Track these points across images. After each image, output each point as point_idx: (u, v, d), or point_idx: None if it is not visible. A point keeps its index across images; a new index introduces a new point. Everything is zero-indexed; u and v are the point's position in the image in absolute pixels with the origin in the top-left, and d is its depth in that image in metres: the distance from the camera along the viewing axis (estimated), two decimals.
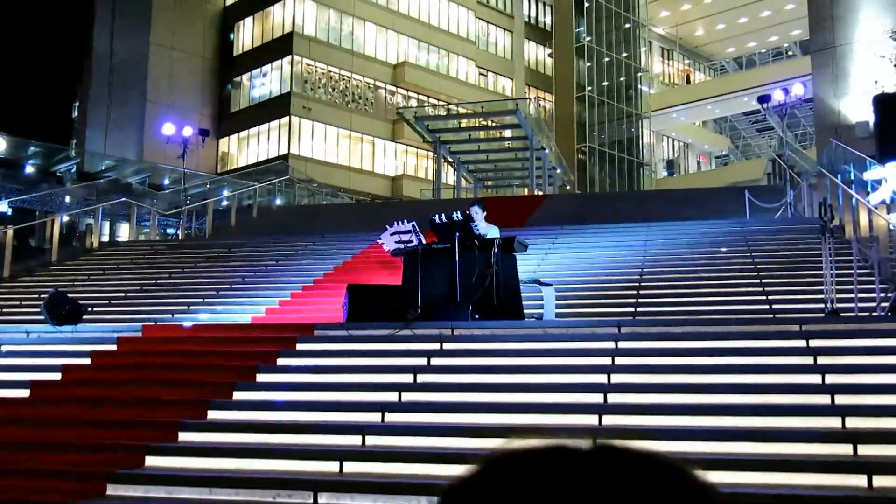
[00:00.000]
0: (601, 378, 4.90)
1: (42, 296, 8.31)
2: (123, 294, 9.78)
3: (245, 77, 30.49)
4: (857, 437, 3.88)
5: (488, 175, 27.87)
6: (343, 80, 30.18)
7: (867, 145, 12.33)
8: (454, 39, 33.16)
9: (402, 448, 4.26)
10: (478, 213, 6.88)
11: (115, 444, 4.51)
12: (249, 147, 29.72)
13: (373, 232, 11.00)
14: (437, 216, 6.36)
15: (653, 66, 39.84)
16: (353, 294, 6.31)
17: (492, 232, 6.81)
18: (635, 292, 8.14)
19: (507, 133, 25.44)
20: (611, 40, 36.58)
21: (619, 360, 5.09)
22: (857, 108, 15.47)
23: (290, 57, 28.47)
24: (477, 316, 5.99)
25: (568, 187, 29.18)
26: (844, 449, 3.84)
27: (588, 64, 35.90)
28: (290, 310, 8.71)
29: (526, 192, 28.40)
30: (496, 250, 6.12)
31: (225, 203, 19.48)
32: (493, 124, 25.74)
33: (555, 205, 16.55)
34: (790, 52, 38.24)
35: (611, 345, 5.31)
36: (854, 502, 3.30)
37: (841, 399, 4.39)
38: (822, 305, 6.50)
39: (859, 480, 3.53)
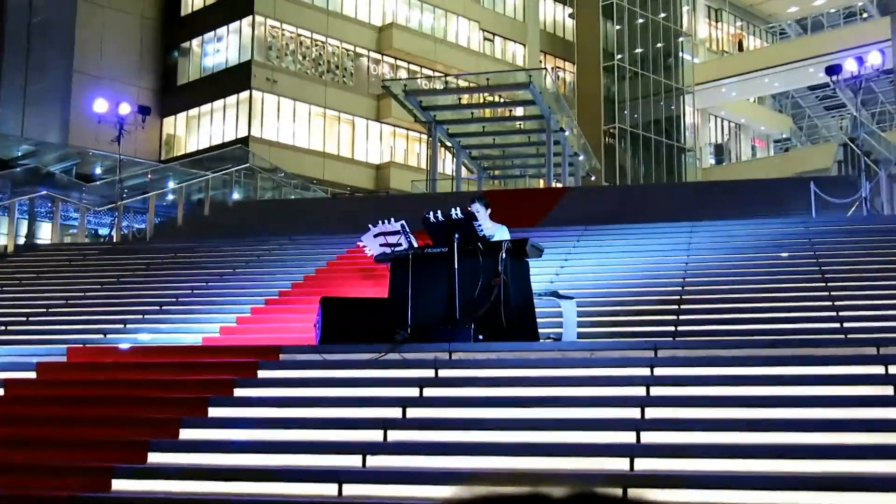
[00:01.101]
0: (633, 413, 4.92)
1: None
2: (45, 310, 9.78)
3: (195, 42, 30.55)
4: None
5: (495, 163, 27.90)
6: (316, 45, 30.25)
7: None
8: None
9: (389, 499, 4.27)
10: (481, 210, 6.92)
11: (34, 496, 4.51)
12: (201, 128, 29.78)
13: (352, 233, 10.99)
14: (431, 214, 6.38)
15: (697, 29, 40.05)
16: (327, 310, 6.32)
17: (499, 233, 6.84)
18: (676, 307, 8.17)
19: (519, 111, 25.50)
20: None
21: (656, 391, 5.11)
22: None
23: (250, 17, 28.56)
24: (480, 337, 6.01)
25: (593, 178, 29.28)
26: None
27: (618, 27, 36.06)
28: (251, 329, 8.74)
29: (541, 183, 28.38)
30: (504, 256, 6.14)
31: (170, 197, 19.50)
32: (502, 101, 25.82)
33: (577, 199, 16.59)
34: (865, 13, 38.47)
35: (645, 372, 5.33)
36: None
37: None
38: None
39: None
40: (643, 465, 4.40)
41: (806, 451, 4.35)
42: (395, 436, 4.93)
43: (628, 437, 4.68)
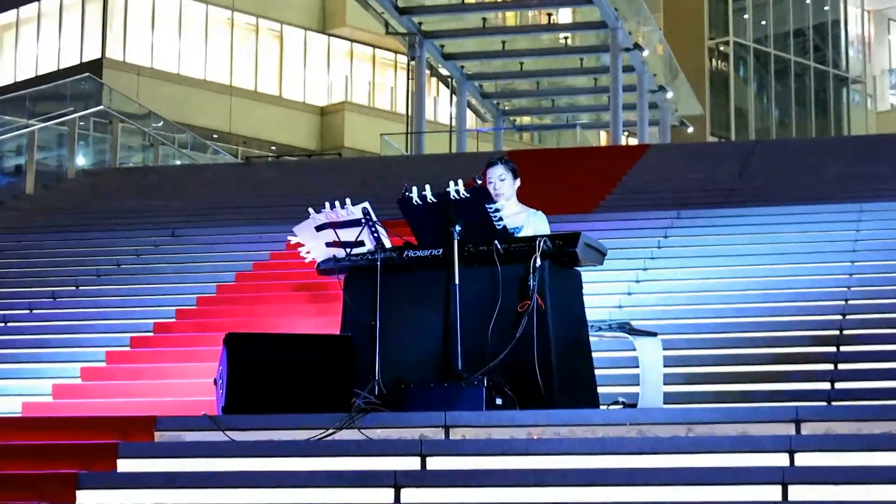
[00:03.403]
0: None
1: None
2: None
3: None
4: None
5: (524, 105, 27.70)
6: None
7: None
8: None
9: None
10: (503, 183, 6.87)
11: None
12: (19, 45, 29.65)
13: (280, 223, 10.94)
14: (415, 192, 6.35)
15: None
16: (237, 356, 6.29)
17: (532, 224, 6.80)
18: (833, 350, 8.17)
19: (565, 16, 25.41)
20: None
21: (798, 493, 5.09)
22: None
23: None
24: (499, 402, 5.98)
25: (690, 129, 29.17)
26: None
27: None
28: (104, 388, 8.71)
29: (604, 138, 28.23)
30: (540, 263, 6.12)
31: None
32: None
33: (663, 165, 16.57)
34: None
35: (780, 460, 5.31)
36: None
37: None
38: None
39: None
40: None
41: None
42: None
43: None
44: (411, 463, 5.56)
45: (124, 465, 5.85)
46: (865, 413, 5.99)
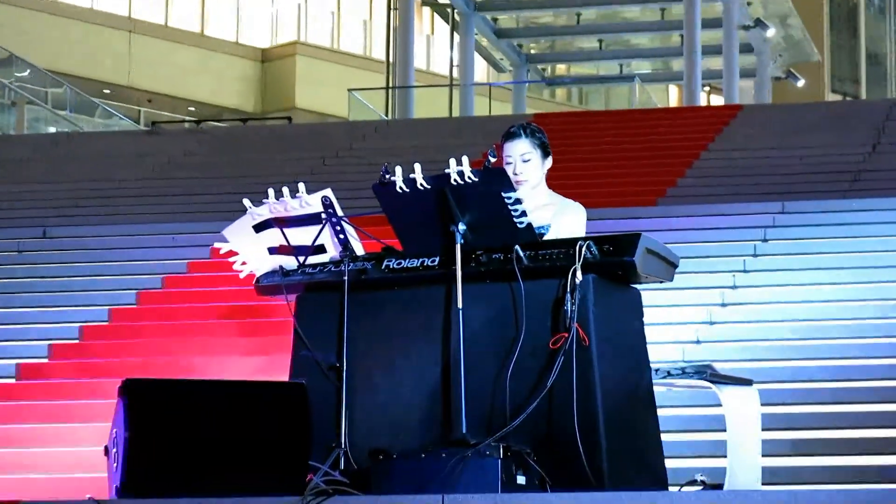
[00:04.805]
0: None
1: None
2: None
3: None
4: None
5: (558, 48, 27.77)
6: None
7: None
8: None
9: None
10: (526, 165, 6.88)
11: None
12: None
13: (205, 220, 10.99)
14: (399, 175, 6.37)
15: None
16: (139, 413, 6.31)
17: (566, 221, 6.83)
18: None
19: None
20: None
21: None
22: None
23: None
24: (521, 479, 6.01)
25: (801, 82, 29.12)
26: None
27: None
28: None
29: (674, 96, 28.23)
30: (579, 277, 6.14)
31: None
32: None
33: (761, 134, 16.60)
34: None
35: None
36: None
37: None
38: None
39: None
40: None
41: None
42: None
43: None
44: None
45: None
46: None
